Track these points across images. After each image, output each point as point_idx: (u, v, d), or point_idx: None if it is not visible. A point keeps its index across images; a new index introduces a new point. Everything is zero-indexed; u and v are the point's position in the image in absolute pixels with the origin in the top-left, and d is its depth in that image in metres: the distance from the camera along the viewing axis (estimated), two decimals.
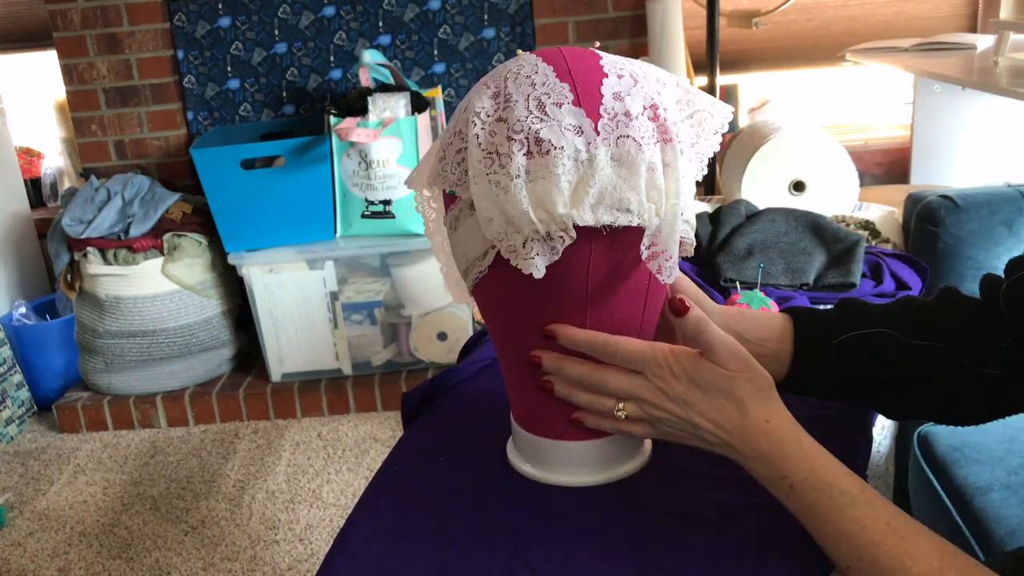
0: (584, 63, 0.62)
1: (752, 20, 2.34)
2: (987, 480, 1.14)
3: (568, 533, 0.64)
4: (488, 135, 0.59)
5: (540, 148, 0.58)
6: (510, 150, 0.58)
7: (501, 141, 0.59)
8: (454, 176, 0.62)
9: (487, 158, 0.59)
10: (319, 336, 2.36)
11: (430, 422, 0.84)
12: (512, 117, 0.59)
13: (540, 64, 0.62)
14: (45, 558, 1.85)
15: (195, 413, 2.40)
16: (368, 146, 2.15)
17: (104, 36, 2.56)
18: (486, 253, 0.62)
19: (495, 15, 2.53)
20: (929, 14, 2.57)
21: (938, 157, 2.37)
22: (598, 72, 0.61)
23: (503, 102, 0.60)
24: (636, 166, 0.59)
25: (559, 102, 0.59)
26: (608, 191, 0.59)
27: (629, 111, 0.60)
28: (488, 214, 0.59)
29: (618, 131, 0.59)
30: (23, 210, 2.82)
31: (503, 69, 0.63)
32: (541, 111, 0.59)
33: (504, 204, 0.58)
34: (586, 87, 0.60)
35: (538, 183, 0.58)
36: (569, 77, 0.60)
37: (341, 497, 1.98)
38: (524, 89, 0.60)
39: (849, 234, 1.24)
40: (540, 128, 0.58)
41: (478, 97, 0.62)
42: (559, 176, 0.58)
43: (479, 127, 0.60)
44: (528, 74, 0.61)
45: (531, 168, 0.58)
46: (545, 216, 0.58)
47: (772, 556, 0.61)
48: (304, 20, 2.55)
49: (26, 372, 2.51)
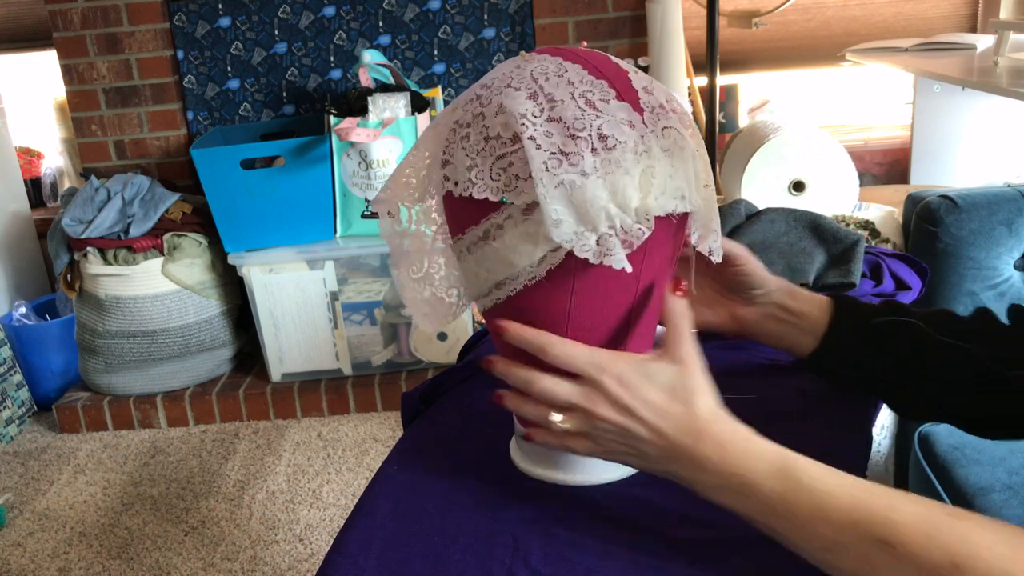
0: (602, 62, 0.62)
1: (752, 20, 2.34)
2: (988, 480, 1.14)
3: (568, 533, 0.64)
4: (545, 135, 0.58)
5: (605, 144, 0.58)
6: (578, 148, 0.58)
7: (564, 140, 0.58)
8: (498, 182, 0.60)
9: (553, 158, 0.58)
10: (319, 336, 2.36)
11: (430, 422, 0.84)
12: (567, 116, 0.58)
13: (565, 63, 0.61)
14: (45, 558, 1.85)
15: (195, 413, 2.40)
16: (368, 146, 2.15)
17: (104, 36, 2.56)
18: (543, 258, 0.60)
19: (495, 15, 2.53)
20: (929, 14, 2.57)
21: (938, 157, 2.38)
22: (620, 69, 0.62)
23: (547, 102, 0.59)
24: (684, 154, 0.60)
25: (605, 98, 0.59)
26: (667, 181, 0.60)
27: (661, 104, 0.61)
28: (557, 216, 0.58)
29: (661, 122, 0.60)
30: (23, 210, 2.82)
31: (510, 73, 0.62)
32: (593, 108, 0.59)
33: (580, 202, 0.58)
34: (620, 83, 0.61)
35: (609, 178, 0.58)
36: (600, 74, 0.61)
37: (341, 497, 1.98)
38: (565, 88, 0.59)
39: (849, 234, 1.24)
40: (601, 124, 0.58)
41: (511, 100, 0.60)
42: (628, 169, 0.58)
43: (533, 128, 0.58)
44: (559, 73, 0.60)
45: (599, 164, 0.58)
46: (620, 210, 0.58)
47: (772, 556, 0.61)
48: (304, 20, 2.55)
49: (26, 372, 2.51)
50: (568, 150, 0.58)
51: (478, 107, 0.62)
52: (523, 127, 0.58)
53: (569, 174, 0.57)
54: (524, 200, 0.59)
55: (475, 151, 0.61)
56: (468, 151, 0.61)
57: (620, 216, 0.58)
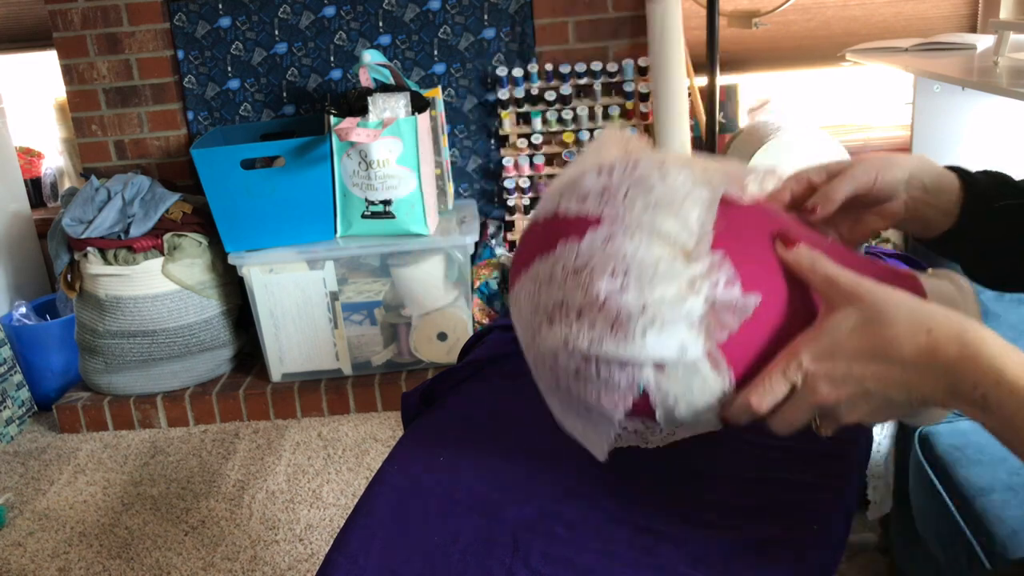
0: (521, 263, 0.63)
1: (752, 20, 2.34)
2: (989, 481, 1.13)
3: (568, 533, 0.64)
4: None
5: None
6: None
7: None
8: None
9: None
10: (319, 336, 2.36)
11: (430, 422, 0.84)
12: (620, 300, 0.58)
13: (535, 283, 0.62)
14: (45, 558, 1.85)
15: (195, 413, 2.40)
16: (368, 146, 2.15)
17: (104, 36, 2.56)
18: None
19: (495, 15, 2.53)
20: (929, 14, 2.57)
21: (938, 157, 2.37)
22: (534, 255, 0.62)
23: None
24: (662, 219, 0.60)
25: (591, 282, 0.58)
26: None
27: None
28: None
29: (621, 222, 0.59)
30: (23, 210, 2.82)
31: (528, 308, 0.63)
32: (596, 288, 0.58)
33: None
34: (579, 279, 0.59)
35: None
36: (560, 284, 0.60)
37: (341, 497, 1.98)
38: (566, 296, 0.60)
39: None
40: (626, 296, 0.57)
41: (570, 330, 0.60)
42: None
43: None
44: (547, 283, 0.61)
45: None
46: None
47: (773, 557, 0.61)
48: (304, 20, 2.55)
49: (26, 372, 2.51)
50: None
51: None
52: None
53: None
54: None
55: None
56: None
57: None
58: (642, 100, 2.52)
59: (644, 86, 2.50)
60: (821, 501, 0.64)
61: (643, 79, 2.51)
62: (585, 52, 2.54)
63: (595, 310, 0.57)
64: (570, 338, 0.58)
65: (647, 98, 2.50)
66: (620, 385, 0.58)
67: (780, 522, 0.62)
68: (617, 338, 0.56)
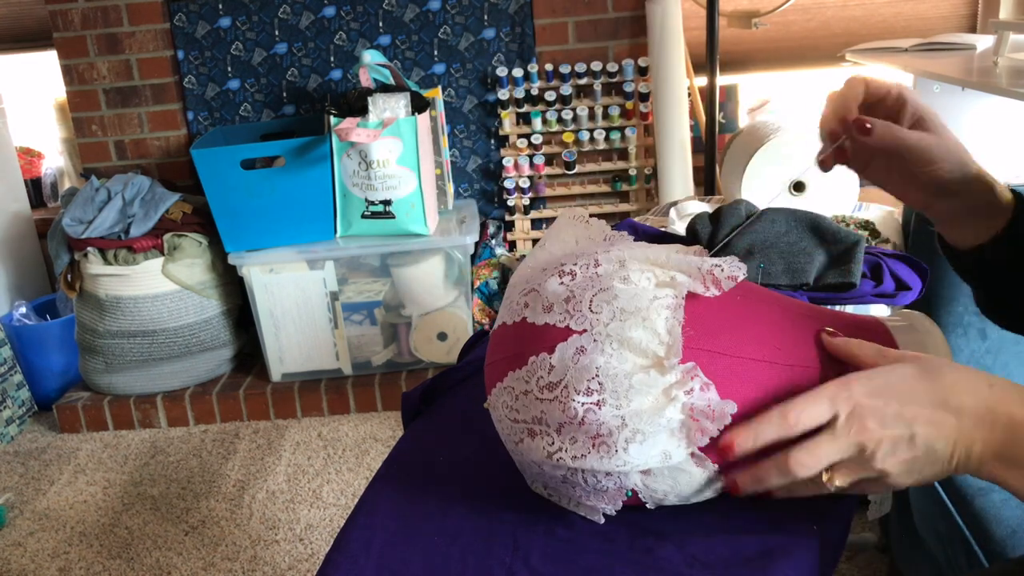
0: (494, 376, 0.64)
1: (752, 20, 2.34)
2: (988, 481, 1.13)
3: (568, 533, 0.64)
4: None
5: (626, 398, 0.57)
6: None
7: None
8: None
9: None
10: (319, 336, 2.36)
11: (430, 422, 0.84)
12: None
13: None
14: (45, 558, 1.85)
15: (195, 413, 2.40)
16: (368, 146, 2.15)
17: (104, 36, 2.56)
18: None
19: (495, 15, 2.53)
20: (929, 14, 2.57)
21: None
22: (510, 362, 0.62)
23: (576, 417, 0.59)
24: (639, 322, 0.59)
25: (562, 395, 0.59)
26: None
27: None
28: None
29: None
30: (23, 210, 2.82)
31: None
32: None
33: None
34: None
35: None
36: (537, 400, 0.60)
37: (341, 497, 1.98)
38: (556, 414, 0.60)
39: (849, 234, 1.24)
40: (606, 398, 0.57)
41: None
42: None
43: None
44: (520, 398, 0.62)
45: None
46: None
47: (773, 557, 0.61)
48: (304, 20, 2.55)
49: (26, 372, 2.51)
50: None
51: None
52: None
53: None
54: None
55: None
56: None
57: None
58: (642, 100, 2.52)
59: (644, 86, 2.50)
60: (820, 502, 0.64)
61: (643, 79, 2.52)
62: (585, 52, 2.54)
63: (575, 426, 0.57)
64: (553, 453, 0.59)
65: (647, 98, 2.50)
66: (608, 489, 0.60)
67: (779, 523, 0.62)
68: (600, 452, 0.57)
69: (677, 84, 2.40)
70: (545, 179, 2.62)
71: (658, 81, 2.42)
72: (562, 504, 0.66)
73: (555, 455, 0.59)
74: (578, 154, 2.58)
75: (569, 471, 0.60)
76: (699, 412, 0.57)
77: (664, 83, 2.41)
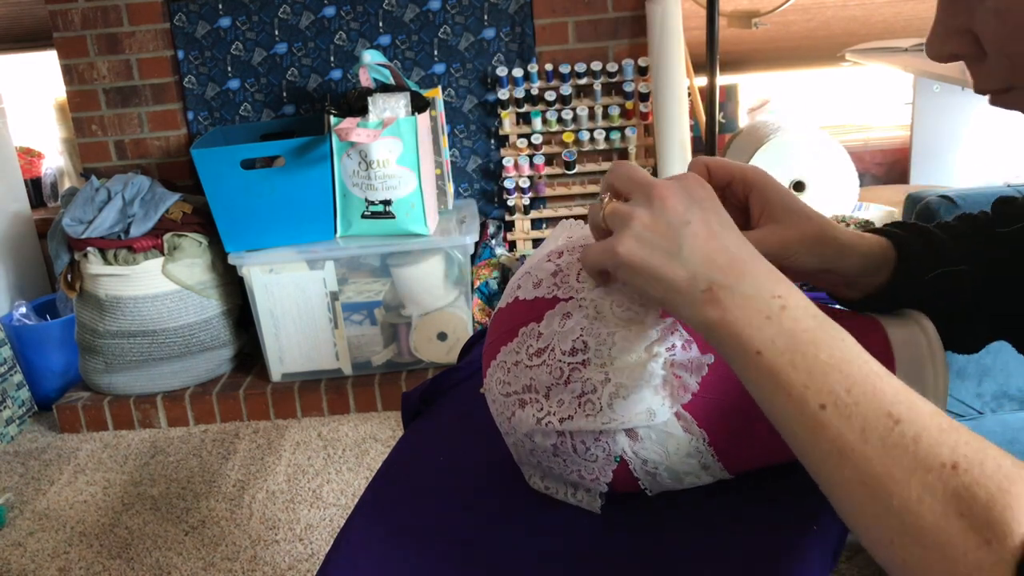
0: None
1: (752, 20, 2.34)
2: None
3: (568, 529, 0.65)
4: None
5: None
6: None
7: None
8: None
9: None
10: (319, 336, 2.36)
11: (430, 422, 0.84)
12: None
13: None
14: (45, 558, 1.85)
15: (195, 413, 2.40)
16: (368, 146, 2.15)
17: (104, 36, 2.56)
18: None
19: (495, 15, 2.53)
20: (929, 14, 2.56)
21: (938, 157, 2.38)
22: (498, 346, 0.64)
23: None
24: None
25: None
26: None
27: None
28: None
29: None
30: (23, 210, 2.82)
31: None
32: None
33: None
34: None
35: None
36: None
37: (341, 497, 1.98)
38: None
39: None
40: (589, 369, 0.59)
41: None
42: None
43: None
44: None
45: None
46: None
47: (772, 557, 0.61)
48: (304, 20, 2.55)
49: (26, 372, 2.51)
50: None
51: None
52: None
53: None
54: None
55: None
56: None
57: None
58: (642, 100, 2.52)
59: (644, 86, 2.50)
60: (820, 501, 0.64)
61: (643, 79, 2.52)
62: (585, 52, 2.55)
63: (561, 387, 0.59)
64: (542, 418, 0.60)
65: (647, 98, 2.50)
66: (598, 457, 0.61)
67: (779, 522, 0.63)
68: (586, 411, 0.58)
69: (677, 84, 2.40)
70: (545, 179, 2.62)
71: (658, 81, 2.42)
72: (560, 496, 0.67)
73: (544, 419, 0.60)
74: (578, 154, 2.59)
75: (559, 439, 0.60)
76: (680, 367, 0.58)
77: (664, 83, 2.41)
